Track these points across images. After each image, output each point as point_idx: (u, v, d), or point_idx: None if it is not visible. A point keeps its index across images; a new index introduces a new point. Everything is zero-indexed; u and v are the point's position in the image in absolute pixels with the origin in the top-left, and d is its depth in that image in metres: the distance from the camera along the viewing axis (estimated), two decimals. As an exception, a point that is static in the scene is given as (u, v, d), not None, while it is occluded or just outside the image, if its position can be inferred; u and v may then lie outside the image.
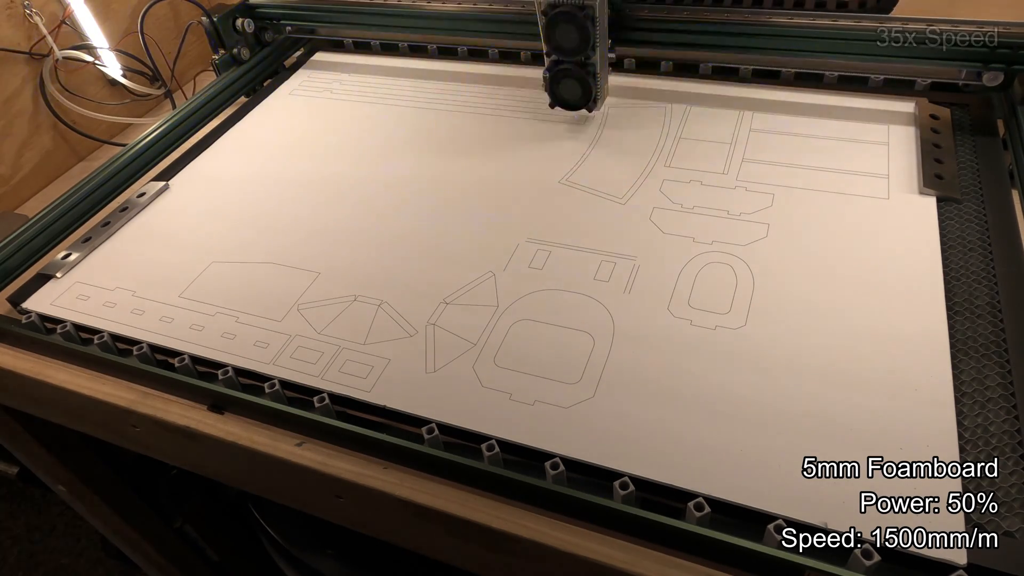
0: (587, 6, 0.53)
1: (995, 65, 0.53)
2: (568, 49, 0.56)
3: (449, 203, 0.55)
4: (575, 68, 0.57)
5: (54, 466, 0.69)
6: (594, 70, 0.57)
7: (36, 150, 0.68)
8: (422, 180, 0.58)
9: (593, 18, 0.53)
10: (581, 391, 0.40)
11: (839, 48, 0.56)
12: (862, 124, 0.56)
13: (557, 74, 0.58)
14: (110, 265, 0.54)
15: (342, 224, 0.55)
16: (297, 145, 0.65)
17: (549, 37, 0.56)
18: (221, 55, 0.71)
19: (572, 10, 0.53)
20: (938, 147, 0.53)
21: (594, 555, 0.35)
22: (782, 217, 0.50)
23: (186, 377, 0.44)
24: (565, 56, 0.57)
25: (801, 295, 0.44)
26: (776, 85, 0.62)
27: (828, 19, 0.56)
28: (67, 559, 1.21)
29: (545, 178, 0.56)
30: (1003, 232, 0.46)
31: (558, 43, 0.56)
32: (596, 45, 0.55)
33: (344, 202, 0.57)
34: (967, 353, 0.39)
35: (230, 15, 0.70)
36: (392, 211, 0.55)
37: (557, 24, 0.55)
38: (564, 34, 0.55)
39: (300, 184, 0.60)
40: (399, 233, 0.53)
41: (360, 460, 0.40)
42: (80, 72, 0.71)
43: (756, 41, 0.58)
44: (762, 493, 0.34)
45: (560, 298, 0.46)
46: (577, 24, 0.54)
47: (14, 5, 0.64)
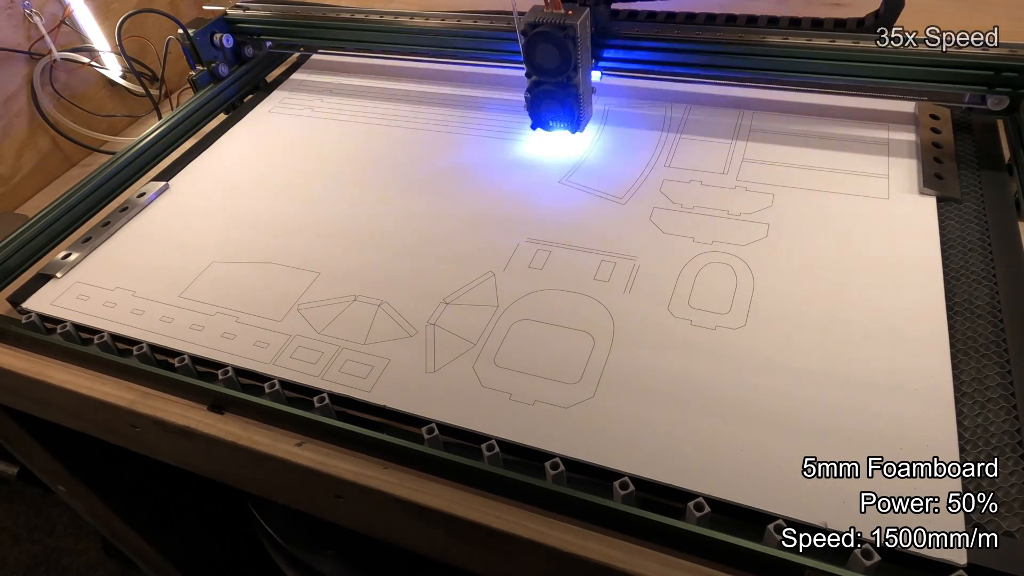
0: (568, 26, 0.51)
1: (1000, 89, 0.51)
2: (549, 70, 0.54)
3: (449, 203, 0.55)
4: (557, 89, 0.55)
5: (54, 466, 0.68)
6: (576, 91, 0.55)
7: (36, 150, 0.68)
8: (422, 180, 0.58)
9: (575, 38, 0.51)
10: (581, 391, 0.40)
11: (837, 69, 0.53)
12: (862, 124, 0.56)
13: (539, 95, 0.56)
14: (110, 265, 0.54)
15: (342, 224, 0.55)
16: (294, 148, 0.65)
17: (529, 58, 0.54)
18: (199, 71, 0.68)
19: (552, 30, 0.51)
20: (938, 147, 0.53)
21: (594, 555, 0.35)
22: (782, 217, 0.50)
23: (186, 377, 0.44)
24: (546, 77, 0.54)
25: (801, 295, 0.44)
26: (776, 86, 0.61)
27: (825, 39, 0.53)
28: (67, 559, 1.21)
29: (545, 178, 0.56)
30: (1003, 232, 0.46)
31: (539, 64, 0.54)
32: (579, 66, 0.53)
33: (344, 202, 0.57)
34: (967, 353, 0.39)
35: (208, 30, 0.68)
36: (392, 211, 0.55)
37: (537, 45, 0.52)
38: (544, 55, 0.53)
39: (300, 184, 0.60)
40: (399, 233, 0.53)
41: (360, 460, 0.40)
42: (79, 72, 0.71)
43: (749, 61, 0.56)
44: (762, 493, 0.34)
45: (560, 298, 0.46)
46: (558, 44, 0.52)
47: (14, 5, 0.64)
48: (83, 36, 0.71)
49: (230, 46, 0.70)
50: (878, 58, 0.52)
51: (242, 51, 0.72)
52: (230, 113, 0.71)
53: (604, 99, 0.63)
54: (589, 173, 0.56)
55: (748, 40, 0.55)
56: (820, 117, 0.58)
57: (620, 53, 0.59)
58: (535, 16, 0.52)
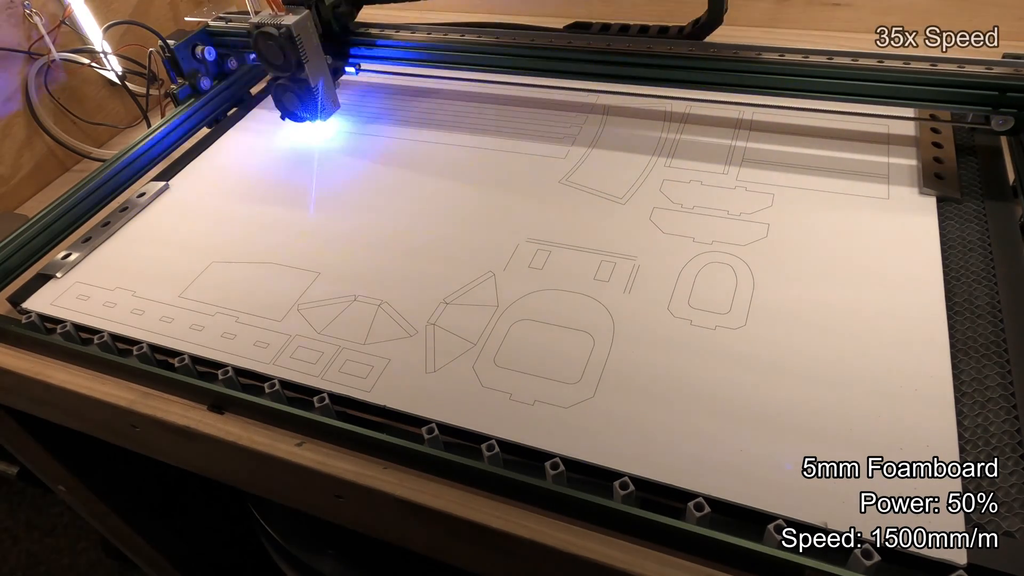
0: (283, 26, 0.56)
1: (1005, 110, 0.49)
2: (279, 65, 0.59)
3: (449, 203, 0.55)
4: (291, 83, 0.60)
5: (54, 466, 0.68)
6: (308, 84, 0.60)
7: (36, 150, 0.68)
8: (421, 180, 0.58)
9: (292, 37, 0.57)
10: (581, 391, 0.40)
11: (836, 88, 0.51)
12: (862, 123, 0.56)
13: (277, 89, 0.62)
14: (110, 265, 0.54)
15: (342, 224, 0.55)
16: (293, 150, 0.65)
17: (260, 55, 0.59)
18: (180, 84, 0.66)
19: (270, 30, 0.57)
20: (938, 146, 0.53)
21: (594, 555, 0.35)
22: (782, 217, 0.50)
23: (186, 377, 0.44)
24: (280, 72, 0.60)
25: (801, 295, 0.44)
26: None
27: (823, 57, 0.51)
28: (67, 559, 1.21)
29: (545, 178, 0.56)
30: (1003, 232, 0.46)
31: (268, 60, 0.59)
32: (303, 62, 0.58)
33: (344, 202, 0.57)
34: (967, 353, 0.39)
35: (189, 43, 0.66)
36: (392, 211, 0.55)
37: (260, 44, 0.58)
38: (270, 52, 0.58)
39: (300, 184, 0.60)
40: (399, 233, 0.53)
41: (360, 460, 0.40)
42: (79, 73, 0.71)
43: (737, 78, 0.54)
44: (762, 493, 0.34)
45: (560, 298, 0.46)
46: (278, 44, 0.57)
47: (14, 5, 0.64)
48: (83, 37, 0.71)
49: (212, 59, 0.68)
50: (878, 76, 0.50)
51: (225, 64, 0.70)
52: (213, 127, 0.69)
53: (605, 99, 0.63)
54: (589, 173, 0.56)
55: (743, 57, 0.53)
56: (820, 117, 0.57)
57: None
58: (260, 18, 0.58)
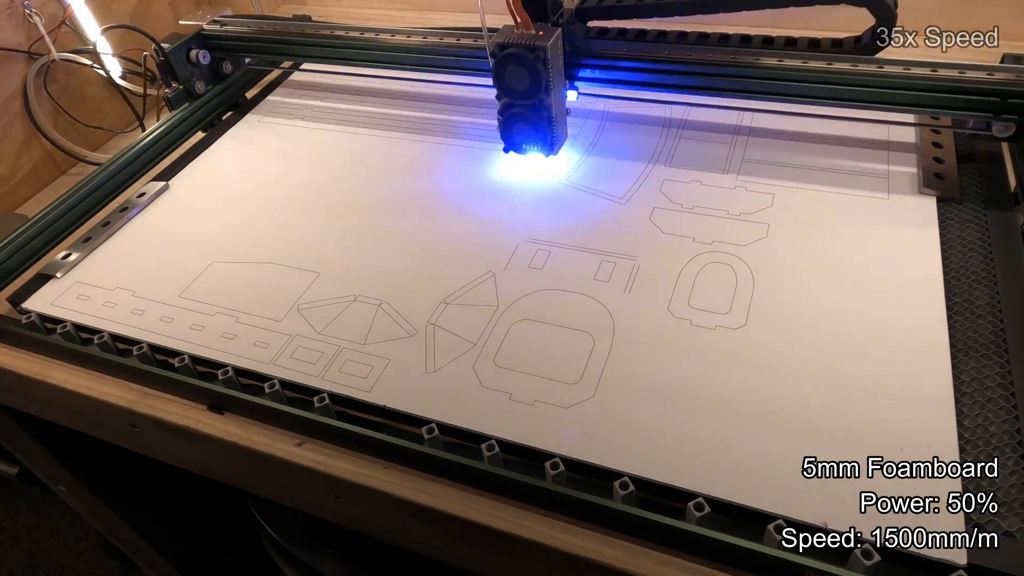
0: (538, 47, 0.48)
1: (1007, 116, 0.48)
2: (519, 92, 0.51)
3: (449, 203, 0.55)
4: (528, 112, 0.53)
5: (54, 466, 0.69)
6: (548, 114, 0.52)
7: (36, 150, 0.68)
8: (421, 179, 0.58)
9: (545, 60, 0.49)
10: (581, 391, 0.40)
11: (835, 94, 0.50)
12: (862, 123, 0.56)
13: (509, 118, 0.53)
14: (110, 265, 0.54)
15: (342, 224, 0.55)
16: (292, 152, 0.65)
17: (499, 79, 0.52)
18: (175, 89, 0.65)
19: (522, 52, 0.49)
20: (938, 146, 0.53)
21: (594, 555, 0.35)
22: (782, 217, 0.50)
23: (186, 377, 0.44)
24: (517, 99, 0.52)
25: (801, 295, 0.44)
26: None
27: (822, 62, 0.50)
28: (67, 559, 1.21)
29: (545, 178, 0.56)
30: (1003, 232, 0.46)
31: (508, 86, 0.51)
32: (550, 88, 0.51)
33: (344, 202, 0.57)
34: (967, 353, 0.39)
35: (184, 47, 0.65)
36: (392, 211, 0.55)
37: (507, 66, 0.50)
38: (514, 77, 0.51)
39: (300, 184, 0.60)
40: (399, 233, 0.53)
41: (360, 460, 0.40)
42: (79, 73, 0.71)
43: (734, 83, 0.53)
44: (762, 493, 0.34)
45: (560, 298, 0.46)
46: (527, 67, 0.49)
47: (14, 5, 0.64)
48: (84, 37, 0.70)
49: (207, 63, 0.67)
50: (878, 82, 0.49)
51: (220, 68, 0.69)
52: (208, 131, 0.68)
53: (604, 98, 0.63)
54: (589, 173, 0.56)
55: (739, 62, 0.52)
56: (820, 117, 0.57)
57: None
58: (505, 37, 0.50)
